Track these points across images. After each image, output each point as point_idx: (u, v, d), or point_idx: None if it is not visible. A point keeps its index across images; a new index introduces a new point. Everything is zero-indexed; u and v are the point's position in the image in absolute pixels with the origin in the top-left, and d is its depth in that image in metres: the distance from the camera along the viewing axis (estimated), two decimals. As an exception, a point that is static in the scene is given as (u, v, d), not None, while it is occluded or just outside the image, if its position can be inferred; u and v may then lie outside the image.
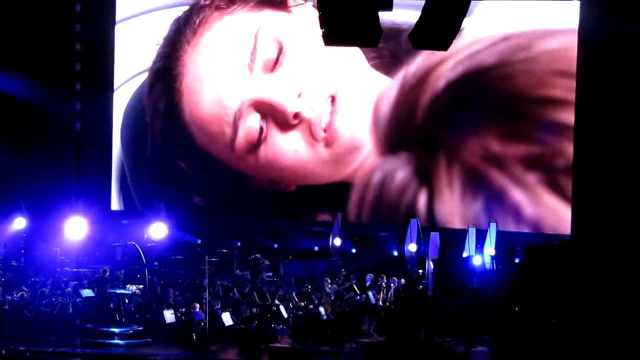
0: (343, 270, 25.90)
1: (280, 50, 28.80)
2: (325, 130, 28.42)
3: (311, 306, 21.54)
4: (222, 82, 29.30)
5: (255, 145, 29.11)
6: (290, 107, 28.47)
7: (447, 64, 27.47)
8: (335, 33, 12.87)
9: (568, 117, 26.81)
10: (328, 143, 28.54)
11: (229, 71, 29.22)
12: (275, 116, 28.80)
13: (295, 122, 28.54)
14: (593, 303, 18.55)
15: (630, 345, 17.29)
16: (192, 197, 30.48)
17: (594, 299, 18.68)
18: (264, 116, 28.92)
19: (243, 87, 28.96)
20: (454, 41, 13.07)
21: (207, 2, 29.69)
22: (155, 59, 30.43)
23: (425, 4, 12.97)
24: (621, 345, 17.34)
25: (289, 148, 28.82)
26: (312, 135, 28.54)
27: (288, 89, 28.56)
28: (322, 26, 12.84)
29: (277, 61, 28.79)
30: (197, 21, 29.69)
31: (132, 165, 31.36)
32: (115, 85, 31.45)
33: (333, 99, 28.44)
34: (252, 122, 28.98)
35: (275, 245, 29.27)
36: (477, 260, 24.87)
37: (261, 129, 28.94)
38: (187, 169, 30.27)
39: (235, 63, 29.13)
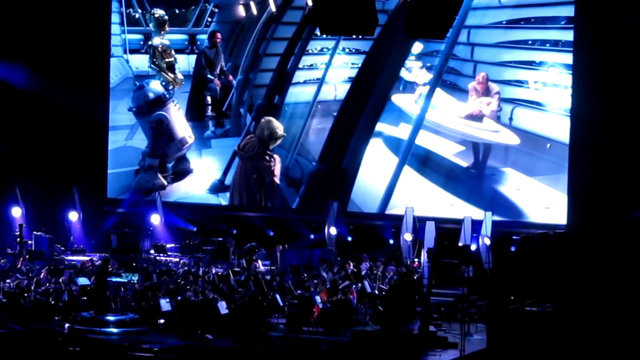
0: (339, 258, 25.90)
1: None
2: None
3: (307, 294, 21.54)
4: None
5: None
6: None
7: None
8: (331, 22, 12.86)
9: None
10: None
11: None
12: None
13: None
14: (588, 292, 18.58)
15: (624, 333, 17.34)
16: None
17: (588, 288, 18.71)
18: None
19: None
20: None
21: None
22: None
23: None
24: (615, 332, 17.39)
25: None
26: None
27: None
28: (318, 15, 12.83)
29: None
30: None
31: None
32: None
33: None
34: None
35: (271, 234, 29.24)
36: (472, 249, 24.90)
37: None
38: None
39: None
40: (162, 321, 21.20)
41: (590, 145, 26.09)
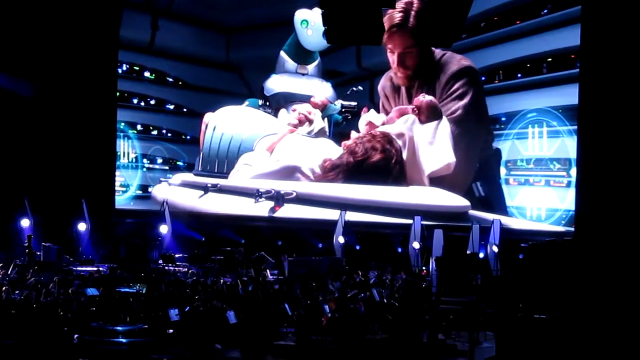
0: (347, 267, 25.91)
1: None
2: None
3: (315, 304, 21.54)
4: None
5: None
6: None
7: None
8: (338, 31, 12.89)
9: None
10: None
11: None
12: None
13: None
14: (597, 299, 18.55)
15: (633, 340, 17.30)
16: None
17: (597, 294, 18.68)
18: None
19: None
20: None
21: None
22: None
23: (428, 1, 13.00)
24: (624, 341, 17.35)
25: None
26: None
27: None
28: (325, 24, 12.87)
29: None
30: None
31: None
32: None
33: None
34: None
35: (279, 243, 29.26)
36: (480, 257, 24.91)
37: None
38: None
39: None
40: (171, 331, 21.20)
41: (598, 152, 26.10)
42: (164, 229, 29.16)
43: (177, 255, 28.10)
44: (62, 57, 30.27)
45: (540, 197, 28.48)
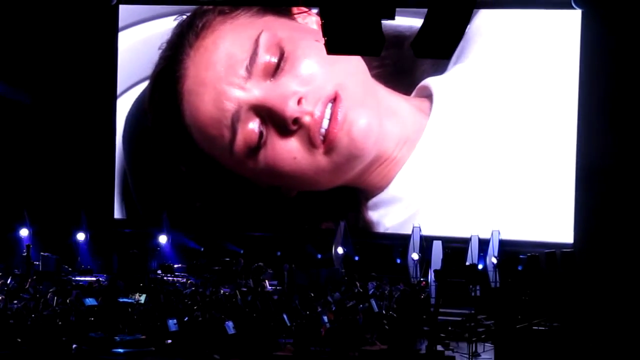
0: (346, 278, 25.90)
1: (281, 56, 28.66)
2: (324, 138, 28.23)
3: (314, 314, 21.52)
4: (222, 86, 29.17)
5: (254, 149, 28.94)
6: (289, 112, 28.30)
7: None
8: (338, 42, 12.93)
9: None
10: (327, 150, 28.37)
11: (229, 74, 29.12)
12: (274, 121, 28.65)
13: (294, 127, 28.34)
14: (595, 311, 18.57)
15: (632, 352, 17.31)
16: (194, 203, 30.41)
17: (597, 306, 18.70)
18: (263, 121, 28.76)
19: (242, 91, 28.85)
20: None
21: (211, 7, 29.73)
22: (158, 62, 30.42)
23: (428, 12, 13.02)
24: (623, 352, 17.36)
25: (288, 154, 28.66)
26: (311, 143, 28.36)
27: (288, 94, 28.41)
28: (324, 35, 12.91)
29: (278, 66, 28.64)
30: (200, 25, 29.67)
31: (134, 172, 31.28)
32: (118, 92, 31.48)
33: (334, 107, 28.22)
34: (252, 127, 28.82)
35: (278, 253, 29.23)
36: (479, 269, 24.90)
37: (260, 134, 28.79)
38: (188, 173, 30.18)
39: (236, 67, 29.04)
40: (169, 341, 21.18)
41: (597, 163, 26.08)
42: (162, 239, 29.17)
43: (176, 266, 28.10)
44: (60, 64, 30.26)
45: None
